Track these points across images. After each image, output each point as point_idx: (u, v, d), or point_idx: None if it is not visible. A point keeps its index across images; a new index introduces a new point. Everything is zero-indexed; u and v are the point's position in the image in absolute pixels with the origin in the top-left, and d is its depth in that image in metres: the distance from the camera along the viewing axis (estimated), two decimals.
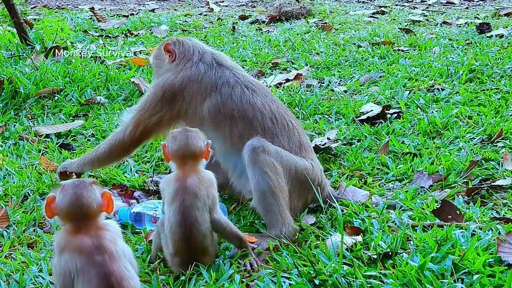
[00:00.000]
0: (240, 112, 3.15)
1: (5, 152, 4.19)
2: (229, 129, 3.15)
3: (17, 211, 3.33)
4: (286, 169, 2.99)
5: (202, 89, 3.23)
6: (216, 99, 3.19)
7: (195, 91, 3.24)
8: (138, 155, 4.10)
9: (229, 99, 3.18)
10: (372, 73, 5.81)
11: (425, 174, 3.53)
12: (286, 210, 2.93)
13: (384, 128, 4.33)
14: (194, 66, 3.30)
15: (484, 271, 2.44)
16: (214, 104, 3.19)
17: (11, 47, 6.48)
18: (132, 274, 2.10)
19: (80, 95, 5.30)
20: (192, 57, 3.35)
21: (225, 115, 3.16)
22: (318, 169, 3.18)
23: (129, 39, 7.96)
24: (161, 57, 3.49)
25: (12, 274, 2.69)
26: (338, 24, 8.91)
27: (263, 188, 2.90)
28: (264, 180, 2.90)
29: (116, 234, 2.17)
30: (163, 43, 3.46)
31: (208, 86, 3.23)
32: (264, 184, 2.90)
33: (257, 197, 2.93)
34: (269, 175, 2.90)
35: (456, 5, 10.80)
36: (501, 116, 4.32)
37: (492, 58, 5.80)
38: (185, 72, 3.28)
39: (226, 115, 3.16)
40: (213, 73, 3.26)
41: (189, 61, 3.34)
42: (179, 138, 2.74)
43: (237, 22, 9.45)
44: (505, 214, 3.05)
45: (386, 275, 2.48)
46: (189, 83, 3.26)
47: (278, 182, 2.92)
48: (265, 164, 2.92)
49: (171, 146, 2.74)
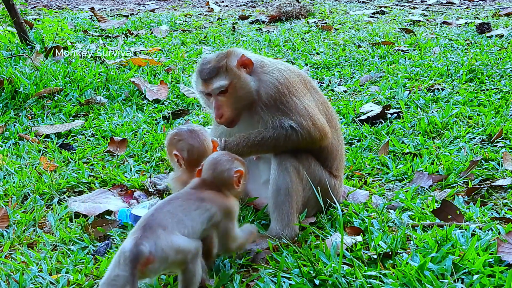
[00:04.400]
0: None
1: (5, 152, 4.19)
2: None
3: (17, 211, 3.33)
4: (311, 177, 3.01)
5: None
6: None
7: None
8: (138, 155, 4.10)
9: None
10: (372, 73, 5.81)
11: (425, 174, 3.53)
12: (294, 213, 2.95)
13: (384, 128, 4.33)
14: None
15: (484, 271, 2.44)
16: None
17: (11, 47, 6.48)
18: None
19: (80, 95, 5.30)
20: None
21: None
22: (341, 190, 3.23)
23: (129, 39, 7.96)
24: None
25: (12, 274, 2.69)
26: (338, 24, 8.92)
27: (280, 185, 2.94)
28: (284, 178, 2.93)
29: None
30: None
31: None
32: (283, 182, 2.93)
33: (272, 191, 2.96)
34: (291, 175, 2.94)
35: (456, 5, 10.80)
36: (501, 116, 4.32)
37: (492, 58, 5.80)
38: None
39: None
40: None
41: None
42: (196, 146, 2.72)
43: (237, 22, 9.45)
44: (505, 214, 3.05)
45: (386, 275, 2.48)
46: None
47: (297, 185, 2.96)
48: (291, 164, 2.94)
49: (187, 154, 2.71)
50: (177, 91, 5.40)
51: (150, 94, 5.30)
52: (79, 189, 3.65)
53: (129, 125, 4.64)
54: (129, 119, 4.79)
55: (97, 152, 4.18)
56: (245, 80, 2.95)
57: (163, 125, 4.65)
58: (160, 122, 4.76)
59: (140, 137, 4.42)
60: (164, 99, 5.25)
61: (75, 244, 3.00)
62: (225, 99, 2.94)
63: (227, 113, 2.95)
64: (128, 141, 4.28)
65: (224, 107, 2.94)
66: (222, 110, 2.94)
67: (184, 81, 5.71)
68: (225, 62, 2.95)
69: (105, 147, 4.24)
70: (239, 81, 2.94)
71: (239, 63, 2.97)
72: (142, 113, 4.97)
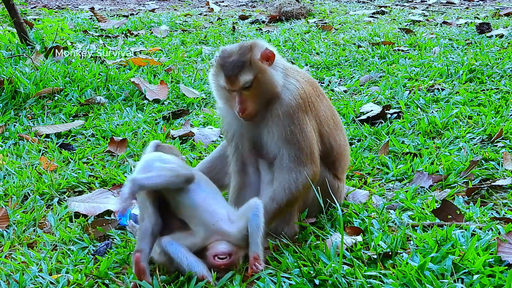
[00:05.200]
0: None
1: (5, 152, 4.19)
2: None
3: (17, 211, 3.33)
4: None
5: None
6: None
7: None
8: (138, 155, 4.10)
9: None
10: (372, 73, 5.81)
11: (425, 174, 3.53)
12: (295, 212, 2.95)
13: (384, 128, 4.33)
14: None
15: (484, 271, 2.44)
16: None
17: (11, 47, 6.48)
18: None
19: (80, 95, 5.30)
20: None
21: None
22: (344, 191, 3.23)
23: (129, 39, 7.96)
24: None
25: (12, 274, 2.69)
26: (338, 24, 8.92)
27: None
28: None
29: None
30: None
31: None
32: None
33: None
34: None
35: (456, 5, 10.80)
36: (501, 116, 4.31)
37: (492, 58, 5.80)
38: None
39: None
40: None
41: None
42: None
43: (237, 22, 9.46)
44: (505, 214, 3.05)
45: (386, 275, 2.48)
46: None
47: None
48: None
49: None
50: (177, 91, 5.40)
51: (150, 94, 5.30)
52: (79, 189, 3.65)
53: (129, 125, 4.64)
54: (129, 119, 4.79)
55: (97, 152, 4.18)
56: (270, 74, 2.88)
57: (163, 125, 4.65)
58: (160, 122, 4.76)
59: (140, 137, 4.42)
60: (164, 99, 5.25)
61: (75, 244, 3.00)
62: (249, 93, 2.86)
63: (250, 107, 2.87)
64: (128, 141, 4.28)
65: (248, 102, 2.86)
66: (246, 104, 2.86)
67: (184, 81, 5.71)
68: (250, 56, 2.84)
69: (105, 147, 4.24)
70: (264, 75, 2.86)
71: (262, 57, 2.88)
72: (142, 113, 4.97)
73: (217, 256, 2.59)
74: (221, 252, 2.59)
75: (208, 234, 2.64)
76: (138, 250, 2.56)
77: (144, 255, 2.56)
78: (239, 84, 2.82)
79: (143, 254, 2.55)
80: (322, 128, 3.03)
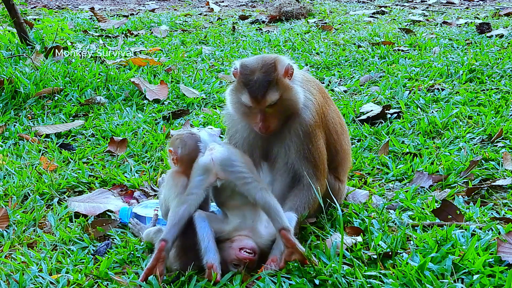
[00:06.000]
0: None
1: (5, 152, 4.19)
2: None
3: (17, 211, 3.33)
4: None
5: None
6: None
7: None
8: (138, 155, 4.10)
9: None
10: (372, 73, 5.81)
11: (425, 174, 3.53)
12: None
13: (384, 128, 4.33)
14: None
15: (484, 271, 2.44)
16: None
17: (11, 47, 6.48)
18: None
19: (80, 95, 5.30)
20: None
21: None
22: (344, 192, 3.24)
23: (129, 39, 7.96)
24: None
25: (12, 274, 2.69)
26: (338, 24, 8.92)
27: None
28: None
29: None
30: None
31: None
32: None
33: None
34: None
35: (456, 5, 10.80)
36: (501, 116, 4.31)
37: (492, 58, 5.80)
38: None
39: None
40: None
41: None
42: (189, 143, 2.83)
43: (237, 22, 9.45)
44: (505, 214, 3.05)
45: (386, 275, 2.48)
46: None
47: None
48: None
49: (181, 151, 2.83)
50: (177, 91, 5.40)
51: (150, 94, 5.30)
52: (79, 189, 3.65)
53: (129, 125, 4.64)
54: (129, 119, 4.79)
55: (97, 152, 4.18)
56: (294, 91, 2.85)
57: (163, 125, 4.65)
58: (160, 122, 4.76)
59: (140, 137, 4.42)
60: (164, 99, 5.25)
61: (75, 244, 3.00)
62: (272, 110, 2.81)
63: (272, 124, 2.84)
64: (128, 141, 4.28)
65: (270, 119, 2.82)
66: (269, 122, 2.82)
67: (184, 81, 5.71)
68: (276, 75, 2.79)
69: (105, 147, 4.24)
70: (288, 93, 2.82)
71: (285, 73, 2.84)
72: (142, 113, 4.97)
73: (245, 250, 2.61)
74: (250, 246, 2.62)
75: (241, 228, 2.67)
76: (165, 239, 2.56)
77: (168, 246, 2.57)
78: (265, 103, 2.78)
79: (168, 245, 2.56)
80: (330, 137, 3.06)
